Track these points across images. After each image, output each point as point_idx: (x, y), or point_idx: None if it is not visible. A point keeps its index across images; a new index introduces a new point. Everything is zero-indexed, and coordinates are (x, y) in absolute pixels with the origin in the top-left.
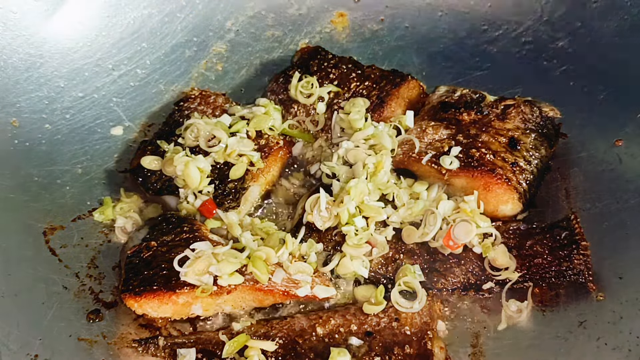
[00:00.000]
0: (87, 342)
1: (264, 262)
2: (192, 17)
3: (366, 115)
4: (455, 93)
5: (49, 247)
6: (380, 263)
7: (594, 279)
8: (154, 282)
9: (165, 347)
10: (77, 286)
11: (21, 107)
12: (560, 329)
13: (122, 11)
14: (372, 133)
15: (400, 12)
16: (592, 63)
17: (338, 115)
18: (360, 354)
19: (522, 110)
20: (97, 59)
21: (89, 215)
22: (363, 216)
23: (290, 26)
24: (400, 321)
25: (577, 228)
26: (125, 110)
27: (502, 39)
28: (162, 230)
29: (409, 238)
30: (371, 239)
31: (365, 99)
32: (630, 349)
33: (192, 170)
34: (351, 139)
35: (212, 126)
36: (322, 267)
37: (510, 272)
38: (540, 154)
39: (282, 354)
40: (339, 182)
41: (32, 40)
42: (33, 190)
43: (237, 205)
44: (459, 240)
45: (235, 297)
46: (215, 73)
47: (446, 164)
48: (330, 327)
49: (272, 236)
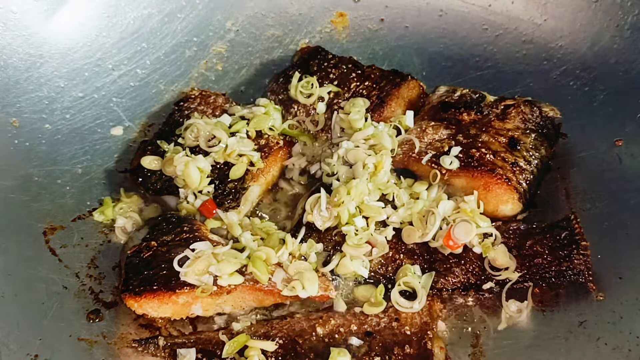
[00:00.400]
0: (87, 342)
1: (264, 262)
2: (192, 17)
3: (366, 115)
4: (455, 93)
5: (49, 247)
6: (380, 263)
7: (594, 279)
8: (154, 282)
9: (165, 347)
10: (77, 286)
11: (21, 107)
12: (560, 329)
13: (122, 11)
14: (372, 133)
15: (400, 12)
16: (592, 63)
17: (338, 115)
18: (360, 354)
19: (522, 110)
20: (97, 59)
21: (89, 215)
22: (363, 216)
23: (290, 26)
24: (400, 321)
25: (577, 228)
26: (125, 110)
27: (502, 39)
28: (162, 230)
29: (409, 238)
30: (371, 239)
31: (365, 99)
32: (630, 349)
33: (192, 170)
34: (351, 139)
35: (212, 126)
36: (322, 267)
37: (510, 272)
38: (540, 154)
39: (282, 354)
40: (339, 182)
41: (32, 40)
42: (33, 190)
43: (237, 205)
44: (459, 240)
45: (235, 297)
46: (215, 73)
47: (446, 164)
48: (330, 327)
49: (272, 236)
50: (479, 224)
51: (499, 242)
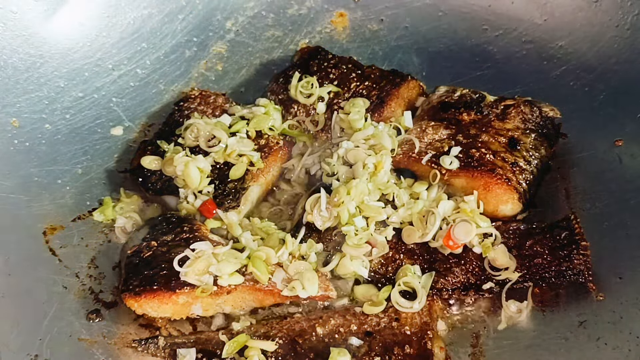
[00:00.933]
0: (87, 342)
1: (264, 262)
2: (192, 17)
3: (366, 115)
4: (455, 93)
5: (49, 247)
6: (380, 263)
7: (594, 279)
8: (154, 282)
9: (165, 347)
10: (77, 286)
11: (21, 107)
12: (560, 329)
13: (122, 11)
14: (372, 133)
15: (400, 12)
16: (592, 63)
17: (338, 115)
18: (360, 354)
19: (522, 110)
20: (97, 59)
21: (89, 215)
22: (363, 216)
23: (290, 26)
24: (400, 321)
25: (577, 228)
26: (125, 110)
27: (502, 39)
28: (162, 230)
29: (409, 238)
30: (371, 239)
31: (365, 99)
32: (630, 348)
33: (192, 170)
34: (351, 139)
35: (212, 126)
36: (322, 267)
37: (510, 272)
38: (540, 154)
39: (282, 354)
40: (339, 182)
41: (32, 40)
42: (33, 190)
43: (237, 205)
44: (459, 240)
45: (235, 297)
46: (215, 73)
47: (446, 164)
48: (330, 327)
49: (271, 236)
50: (479, 224)
51: (499, 242)
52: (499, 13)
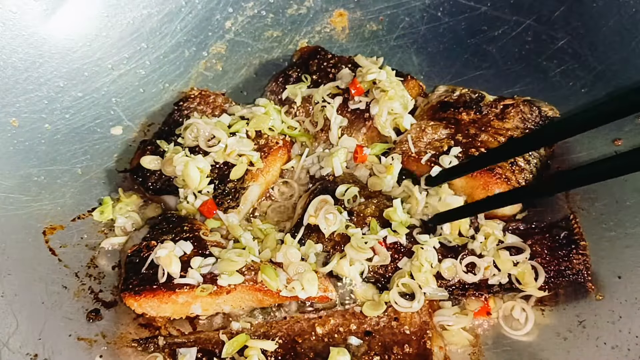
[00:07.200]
0: (87, 341)
1: (274, 270)
2: (192, 17)
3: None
4: (454, 93)
5: (49, 247)
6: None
7: (593, 279)
8: (153, 282)
9: (165, 347)
10: (76, 286)
11: (21, 107)
12: (560, 328)
13: (122, 11)
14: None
15: (400, 12)
16: (592, 63)
17: (338, 116)
18: (359, 354)
19: (521, 110)
20: (97, 59)
21: (88, 215)
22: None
23: (289, 26)
24: (399, 320)
25: (576, 228)
26: (125, 110)
27: (502, 39)
28: (162, 229)
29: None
30: (376, 246)
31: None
32: (630, 348)
33: (192, 170)
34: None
35: (212, 126)
36: (321, 268)
37: (535, 288)
38: (540, 153)
39: (282, 354)
40: (344, 187)
41: (31, 40)
42: (33, 190)
43: (237, 205)
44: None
45: (235, 297)
46: (214, 73)
47: (446, 163)
48: (329, 326)
49: (269, 236)
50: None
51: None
52: (499, 13)
